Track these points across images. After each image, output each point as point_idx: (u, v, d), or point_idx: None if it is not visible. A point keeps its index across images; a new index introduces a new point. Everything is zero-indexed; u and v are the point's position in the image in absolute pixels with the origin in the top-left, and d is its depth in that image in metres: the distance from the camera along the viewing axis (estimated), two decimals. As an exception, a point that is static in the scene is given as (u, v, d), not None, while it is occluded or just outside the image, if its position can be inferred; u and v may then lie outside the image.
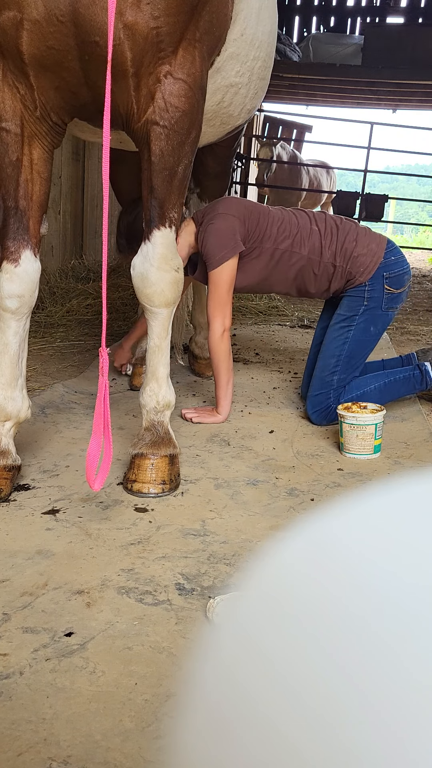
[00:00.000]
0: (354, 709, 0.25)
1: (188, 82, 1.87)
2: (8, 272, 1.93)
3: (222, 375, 2.64)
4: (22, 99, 1.86)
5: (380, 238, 2.77)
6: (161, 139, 1.89)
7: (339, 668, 0.26)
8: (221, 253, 2.56)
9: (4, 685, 1.20)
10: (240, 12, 2.15)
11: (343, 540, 0.31)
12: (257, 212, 2.68)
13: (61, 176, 5.09)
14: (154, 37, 1.77)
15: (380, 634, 0.26)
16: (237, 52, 2.24)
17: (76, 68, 1.81)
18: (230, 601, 1.32)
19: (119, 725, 1.12)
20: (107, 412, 1.74)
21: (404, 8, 10.69)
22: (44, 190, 1.98)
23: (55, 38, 1.75)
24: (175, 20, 1.78)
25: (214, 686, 0.30)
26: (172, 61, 1.84)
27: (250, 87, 2.48)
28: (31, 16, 1.72)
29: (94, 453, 1.71)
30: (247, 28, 2.24)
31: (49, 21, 1.72)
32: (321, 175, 11.04)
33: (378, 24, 10.09)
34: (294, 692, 0.27)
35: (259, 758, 0.26)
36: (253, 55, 2.36)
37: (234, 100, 2.45)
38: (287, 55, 9.22)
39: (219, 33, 2.02)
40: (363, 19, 10.82)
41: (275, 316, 5.14)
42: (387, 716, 0.24)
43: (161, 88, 1.85)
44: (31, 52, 1.76)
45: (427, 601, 0.26)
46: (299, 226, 2.68)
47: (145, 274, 1.99)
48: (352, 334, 2.71)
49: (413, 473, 0.36)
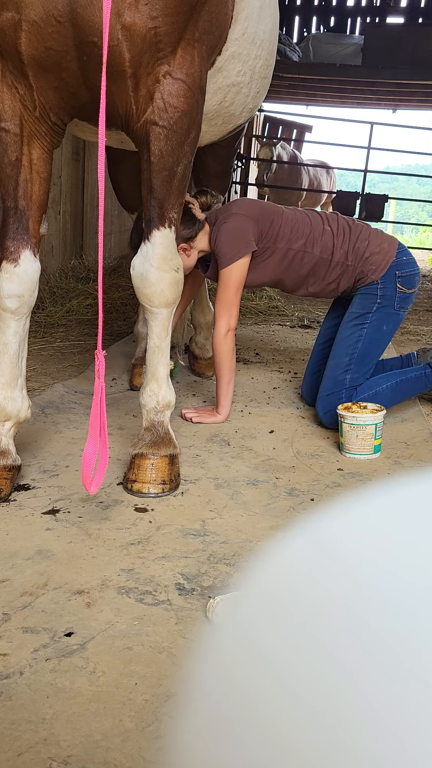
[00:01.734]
0: (354, 709, 0.25)
1: (187, 82, 1.87)
2: (8, 272, 1.93)
3: (224, 375, 2.63)
4: (21, 99, 1.86)
5: (391, 238, 2.79)
6: (160, 139, 1.89)
7: (339, 668, 0.26)
8: (233, 252, 2.56)
9: (4, 685, 1.20)
10: (241, 11, 2.15)
11: (343, 540, 0.31)
12: (271, 213, 2.69)
13: (61, 176, 5.09)
14: (153, 38, 1.77)
15: (380, 633, 0.26)
16: (238, 51, 2.24)
17: (75, 69, 1.81)
18: (230, 601, 1.32)
19: (119, 725, 1.12)
20: (104, 414, 1.73)
21: (404, 8, 10.69)
22: (44, 190, 1.98)
23: (54, 39, 1.75)
24: (173, 20, 1.77)
25: (214, 686, 0.30)
26: (171, 61, 1.84)
27: (252, 86, 2.48)
28: (29, 17, 1.72)
29: (90, 456, 1.71)
30: (248, 27, 2.23)
31: (47, 22, 1.72)
32: (321, 175, 11.04)
33: (378, 24, 10.09)
34: (294, 692, 0.27)
35: (259, 758, 0.26)
36: (255, 54, 2.36)
37: (236, 99, 2.44)
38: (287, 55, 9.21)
39: (219, 33, 2.02)
40: (363, 19, 10.82)
41: (275, 316, 5.14)
42: (387, 716, 0.24)
43: (160, 88, 1.85)
44: (30, 52, 1.77)
45: (427, 600, 0.26)
46: (312, 226, 2.69)
47: (145, 274, 1.99)
48: (366, 332, 2.70)
49: (413, 473, 0.36)
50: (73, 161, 5.31)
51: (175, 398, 2.15)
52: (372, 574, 0.28)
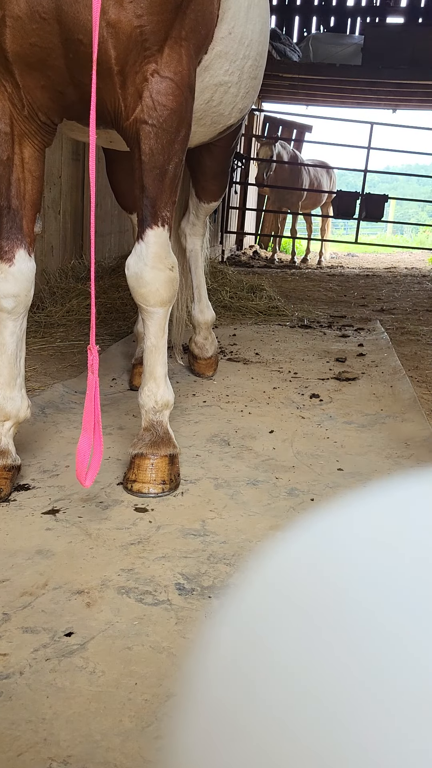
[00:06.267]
0: (357, 705, 0.25)
1: (176, 81, 1.87)
2: (3, 272, 1.94)
3: None
4: (10, 98, 1.86)
5: None
6: (150, 137, 1.89)
7: (339, 667, 0.26)
8: None
9: (4, 685, 1.20)
10: (227, 10, 2.15)
11: (343, 540, 0.31)
12: None
13: (61, 176, 5.09)
14: (138, 36, 1.77)
15: (381, 632, 0.26)
16: (225, 50, 2.24)
17: (62, 66, 1.81)
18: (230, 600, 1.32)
19: (119, 725, 1.12)
20: (98, 409, 1.74)
21: (404, 8, 10.70)
22: (37, 188, 1.98)
23: (38, 35, 1.75)
24: (158, 18, 1.77)
25: (214, 686, 0.30)
26: (158, 60, 1.84)
27: (241, 86, 2.48)
28: (12, 12, 1.72)
29: (84, 450, 1.71)
30: (235, 27, 2.23)
31: (32, 18, 1.72)
32: (321, 175, 11.05)
33: (378, 24, 10.09)
34: (294, 692, 0.27)
35: (261, 757, 0.26)
36: (243, 54, 2.36)
37: (224, 98, 2.44)
38: (287, 55, 9.22)
39: (205, 31, 2.02)
40: (363, 19, 10.83)
41: (275, 316, 5.14)
42: (393, 710, 0.24)
43: (148, 86, 1.85)
44: (14, 49, 1.76)
45: (427, 600, 0.26)
46: None
47: (140, 273, 1.99)
48: None
49: (413, 473, 0.36)
50: (73, 161, 5.31)
51: (173, 398, 2.15)
52: (372, 574, 0.28)
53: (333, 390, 3.21)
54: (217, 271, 6.02)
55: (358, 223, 10.27)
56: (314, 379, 3.38)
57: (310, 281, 7.95)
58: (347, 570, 0.29)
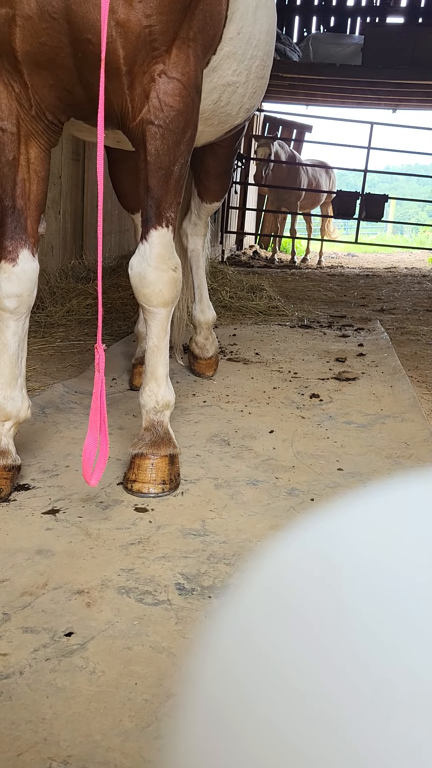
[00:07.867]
0: (355, 708, 0.25)
1: (183, 81, 1.87)
2: (6, 272, 1.94)
3: None
4: (17, 97, 1.86)
5: None
6: (156, 138, 1.89)
7: (339, 667, 0.26)
8: None
9: (4, 685, 1.20)
10: (236, 11, 2.15)
11: (343, 540, 0.31)
12: None
13: (61, 176, 5.09)
14: (147, 36, 1.77)
15: (380, 633, 0.26)
16: (233, 50, 2.24)
17: (70, 66, 1.82)
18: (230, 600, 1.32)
19: (119, 725, 1.12)
20: (104, 408, 1.74)
21: (404, 8, 10.70)
22: (42, 189, 1.98)
23: (48, 35, 1.75)
24: (167, 19, 1.78)
25: (214, 686, 0.30)
26: (166, 60, 1.84)
27: (248, 86, 2.48)
28: (23, 12, 1.72)
29: (90, 449, 1.71)
30: (243, 27, 2.24)
31: (42, 17, 1.73)
32: (320, 175, 11.04)
33: (378, 24, 10.10)
34: (294, 692, 0.27)
35: (260, 758, 0.26)
36: (251, 54, 2.36)
37: (232, 99, 2.45)
38: (287, 55, 9.22)
39: (213, 32, 2.02)
40: (363, 19, 10.83)
41: (275, 316, 5.14)
42: (389, 714, 0.24)
43: (156, 87, 1.85)
44: (24, 48, 1.77)
45: (427, 600, 0.26)
46: None
47: (143, 273, 1.99)
48: None
49: (413, 473, 0.36)
50: (73, 161, 5.31)
51: (174, 398, 2.15)
52: (372, 573, 0.28)
53: (333, 390, 3.21)
54: (217, 271, 6.02)
55: (358, 223, 10.28)
56: (314, 379, 3.38)
57: (310, 281, 7.95)
58: (347, 571, 0.29)
